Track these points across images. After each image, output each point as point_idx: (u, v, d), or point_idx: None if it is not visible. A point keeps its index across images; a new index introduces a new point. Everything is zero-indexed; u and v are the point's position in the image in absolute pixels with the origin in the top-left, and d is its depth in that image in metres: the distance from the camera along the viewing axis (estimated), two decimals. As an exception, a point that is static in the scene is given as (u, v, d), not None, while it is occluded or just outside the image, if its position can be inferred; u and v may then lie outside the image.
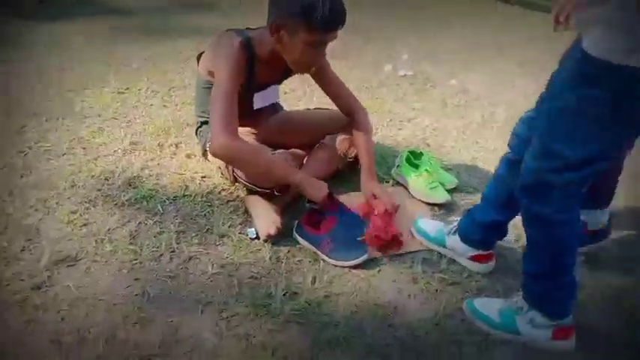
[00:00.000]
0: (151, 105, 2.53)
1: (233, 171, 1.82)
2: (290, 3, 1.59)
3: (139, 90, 2.65)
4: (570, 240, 1.37)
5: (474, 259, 1.69)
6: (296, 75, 1.95)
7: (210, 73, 1.80)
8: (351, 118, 1.97)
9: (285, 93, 2.61)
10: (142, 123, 2.36)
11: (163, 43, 3.28)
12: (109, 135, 2.25)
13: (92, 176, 1.97)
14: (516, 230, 1.73)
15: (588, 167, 1.23)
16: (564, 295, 1.43)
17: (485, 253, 1.68)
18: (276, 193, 1.79)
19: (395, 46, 3.70)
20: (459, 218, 1.76)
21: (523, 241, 1.70)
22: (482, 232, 1.65)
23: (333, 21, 1.60)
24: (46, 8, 3.78)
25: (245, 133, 1.94)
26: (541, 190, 1.28)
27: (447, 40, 3.95)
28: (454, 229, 1.73)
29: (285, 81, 2.00)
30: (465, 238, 1.69)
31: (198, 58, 1.95)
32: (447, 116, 2.71)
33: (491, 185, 1.64)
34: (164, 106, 2.54)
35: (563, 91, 1.20)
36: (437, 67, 3.36)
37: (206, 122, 1.96)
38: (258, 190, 1.78)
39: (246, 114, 1.83)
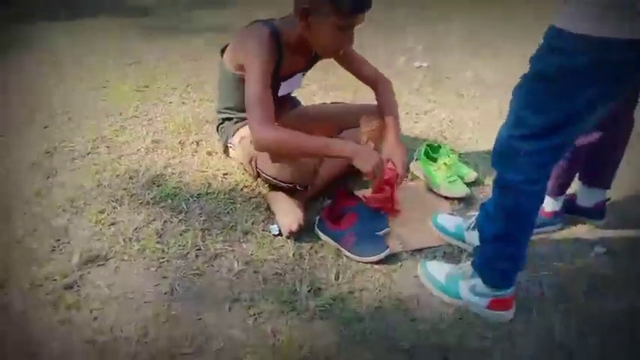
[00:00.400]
0: (170, 102, 2.56)
1: (256, 166, 1.85)
2: None
3: (158, 87, 2.69)
4: (530, 212, 1.40)
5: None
6: (315, 66, 1.97)
7: (239, 67, 1.80)
8: (374, 87, 2.03)
9: (301, 88, 2.62)
10: (162, 121, 2.40)
11: (178, 41, 3.32)
12: (131, 133, 2.29)
13: (117, 175, 2.02)
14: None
15: (555, 136, 1.25)
16: (509, 266, 1.47)
17: None
18: (298, 188, 1.82)
19: (407, 36, 3.70)
20: (477, 213, 1.78)
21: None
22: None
23: (361, 3, 1.63)
24: (59, 7, 3.81)
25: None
26: (511, 157, 1.32)
27: (456, 29, 3.94)
28: (472, 224, 1.75)
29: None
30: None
31: (222, 51, 1.95)
32: (463, 107, 2.71)
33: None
34: (183, 103, 2.58)
35: (533, 62, 1.24)
36: (450, 58, 3.36)
37: (228, 119, 1.99)
38: (282, 185, 1.81)
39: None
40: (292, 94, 2.14)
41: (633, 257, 1.83)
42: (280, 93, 1.93)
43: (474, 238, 1.71)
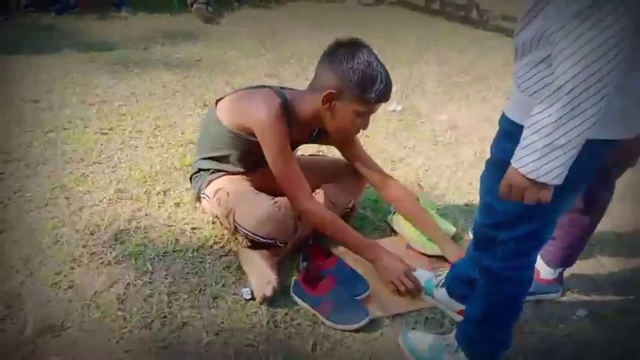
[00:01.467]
0: (136, 147, 2.44)
1: (234, 220, 1.74)
2: (352, 74, 1.65)
3: (123, 130, 2.56)
4: (515, 297, 1.35)
5: (462, 314, 1.64)
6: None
7: (240, 127, 1.77)
8: (386, 190, 2.00)
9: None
10: (127, 168, 2.27)
11: (147, 78, 3.19)
12: (94, 182, 2.15)
13: (77, 230, 1.88)
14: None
15: (526, 224, 1.20)
16: (494, 347, 1.42)
17: None
18: (278, 244, 1.73)
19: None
20: (447, 270, 1.72)
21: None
22: (467, 288, 1.57)
23: (386, 93, 1.70)
24: (20, 41, 3.63)
25: (239, 180, 1.88)
26: (487, 245, 1.29)
27: (429, 71, 3.95)
28: (442, 281, 1.70)
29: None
30: (450, 292, 1.66)
31: (217, 102, 1.89)
32: (439, 154, 2.68)
33: (473, 239, 1.60)
34: (150, 147, 2.45)
35: (491, 148, 1.23)
36: (425, 101, 3.34)
37: (205, 170, 1.90)
38: (262, 240, 1.71)
39: (251, 164, 1.82)
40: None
41: (615, 319, 1.79)
42: None
43: (442, 295, 1.69)
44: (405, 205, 1.98)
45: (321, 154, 2.40)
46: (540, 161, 0.97)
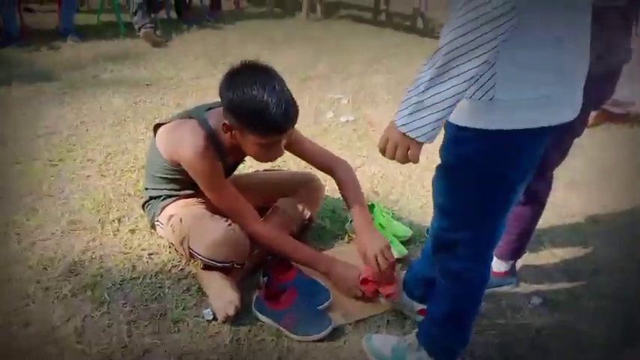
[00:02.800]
0: (88, 176, 2.40)
1: (189, 247, 1.73)
2: (237, 108, 1.58)
3: (74, 160, 2.51)
4: (476, 296, 1.40)
5: (423, 313, 1.68)
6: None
7: (174, 161, 1.77)
8: (332, 174, 1.94)
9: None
10: (79, 198, 2.23)
11: (96, 105, 3.15)
12: (45, 215, 2.10)
13: (29, 266, 1.83)
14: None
15: (479, 224, 1.25)
16: (454, 345, 1.46)
17: None
18: (235, 266, 1.73)
19: (332, 90, 3.73)
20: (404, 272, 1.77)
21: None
22: (424, 288, 1.63)
23: (283, 123, 1.58)
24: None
25: (192, 203, 1.87)
26: (446, 247, 1.33)
27: (379, 81, 4.03)
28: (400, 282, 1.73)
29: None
30: (409, 294, 1.70)
31: (155, 129, 1.88)
32: (393, 162, 2.72)
33: (428, 240, 1.64)
34: (102, 176, 2.41)
35: (440, 153, 1.25)
36: (376, 110, 3.41)
37: (155, 197, 1.89)
38: (217, 265, 1.71)
39: (199, 188, 1.80)
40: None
41: (568, 305, 1.87)
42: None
43: (402, 297, 1.72)
44: (345, 190, 1.90)
45: (277, 168, 2.42)
46: (412, 117, 1.03)
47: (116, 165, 2.51)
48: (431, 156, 1.37)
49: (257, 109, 1.54)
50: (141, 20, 4.41)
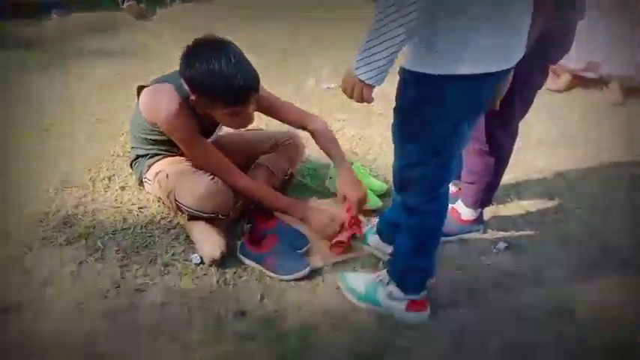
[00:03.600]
0: (78, 139, 2.49)
1: (175, 199, 1.85)
2: (198, 81, 1.65)
3: (63, 126, 2.60)
4: (434, 229, 1.55)
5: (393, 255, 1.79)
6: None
7: (152, 123, 1.85)
8: (307, 128, 2.04)
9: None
10: (70, 159, 2.32)
11: (83, 74, 3.22)
12: (38, 176, 2.20)
13: (25, 220, 1.94)
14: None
15: (432, 159, 1.39)
16: (420, 275, 1.61)
17: None
18: (220, 216, 1.84)
19: (312, 60, 3.83)
20: (377, 219, 1.90)
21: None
22: (394, 231, 1.73)
23: (244, 93, 1.66)
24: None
25: (177, 161, 1.98)
26: (405, 184, 1.48)
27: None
28: (373, 228, 1.88)
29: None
30: (382, 237, 1.84)
31: (139, 91, 1.96)
32: (371, 125, 2.85)
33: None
34: (91, 139, 2.51)
35: (396, 97, 1.38)
36: (357, 77, 3.50)
37: (142, 155, 1.99)
38: (203, 215, 1.82)
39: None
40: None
41: (530, 249, 2.02)
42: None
43: (375, 240, 1.87)
44: (320, 138, 2.03)
45: (257, 128, 2.51)
46: (362, 62, 1.20)
47: (104, 129, 2.60)
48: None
49: (217, 81, 1.62)
50: (124, -7, 4.44)
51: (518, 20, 1.28)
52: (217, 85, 1.63)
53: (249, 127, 2.38)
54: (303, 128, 2.07)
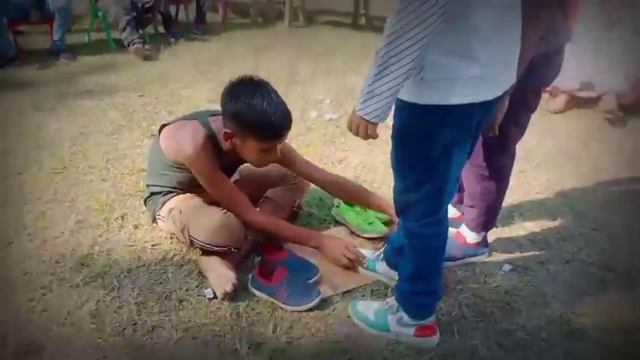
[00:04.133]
0: (91, 181, 2.57)
1: (189, 235, 1.91)
2: (237, 116, 1.77)
3: (76, 167, 2.69)
4: (435, 251, 1.59)
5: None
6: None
7: (176, 160, 1.94)
8: (327, 184, 2.18)
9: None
10: (84, 200, 2.40)
11: (93, 117, 3.32)
12: (53, 217, 2.27)
13: (43, 261, 2.00)
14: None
15: (427, 185, 1.45)
16: (426, 299, 1.65)
17: None
18: (233, 250, 1.90)
19: (314, 91, 3.94)
20: (385, 246, 1.95)
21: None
22: (400, 256, 1.77)
23: (281, 129, 1.81)
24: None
25: (190, 197, 2.05)
26: (404, 208, 1.54)
27: (360, 80, 4.20)
28: (381, 256, 1.93)
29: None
30: (389, 263, 1.89)
31: (160, 130, 2.05)
32: (373, 153, 2.93)
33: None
34: (103, 180, 2.59)
35: (394, 122, 1.44)
36: (358, 107, 3.60)
37: (156, 193, 2.07)
38: (216, 249, 1.89)
39: (198, 184, 1.95)
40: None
41: (536, 270, 2.06)
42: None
43: (382, 267, 1.91)
44: (345, 187, 2.20)
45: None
46: (365, 103, 1.27)
47: (116, 169, 2.69)
48: None
49: (259, 117, 1.75)
50: (130, 36, 4.59)
51: (507, 49, 1.36)
52: (259, 118, 1.75)
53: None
54: (323, 187, 2.20)
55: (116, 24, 4.69)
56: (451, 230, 2.03)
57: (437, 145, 1.38)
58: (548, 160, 2.97)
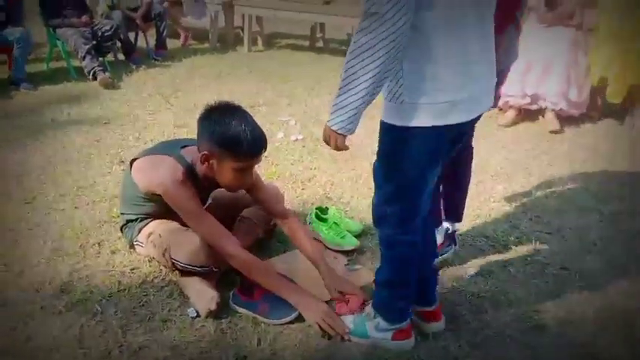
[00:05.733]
0: (63, 209, 2.58)
1: (170, 257, 1.97)
2: (216, 137, 1.83)
3: (47, 197, 2.69)
4: (409, 258, 1.70)
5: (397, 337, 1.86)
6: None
7: (151, 192, 1.98)
8: (285, 223, 2.15)
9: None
10: (58, 229, 2.41)
11: (59, 146, 3.31)
12: (28, 247, 2.28)
13: (22, 290, 2.00)
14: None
15: (404, 198, 1.58)
16: (402, 304, 1.76)
17: None
18: (213, 269, 1.97)
19: (279, 112, 4.06)
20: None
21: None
22: None
23: (258, 147, 1.86)
24: None
25: (166, 221, 2.10)
26: (380, 217, 1.67)
27: (322, 102, 4.39)
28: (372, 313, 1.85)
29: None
30: None
31: (131, 163, 2.09)
32: (340, 170, 3.06)
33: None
34: (76, 207, 2.60)
35: (378, 141, 1.59)
36: (322, 127, 3.72)
37: (132, 220, 2.12)
38: (198, 270, 1.95)
39: (172, 212, 1.99)
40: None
41: (498, 273, 2.21)
42: None
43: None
44: (302, 240, 2.10)
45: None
46: (333, 115, 1.42)
47: (88, 197, 2.71)
48: (372, 161, 1.68)
49: (236, 136, 1.81)
50: (90, 64, 4.60)
51: (482, 73, 1.50)
52: (236, 136, 1.80)
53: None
54: (282, 219, 2.16)
55: (75, 53, 4.69)
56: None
57: (412, 164, 1.51)
58: (503, 171, 3.17)
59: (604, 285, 2.17)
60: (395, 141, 1.51)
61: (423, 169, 1.54)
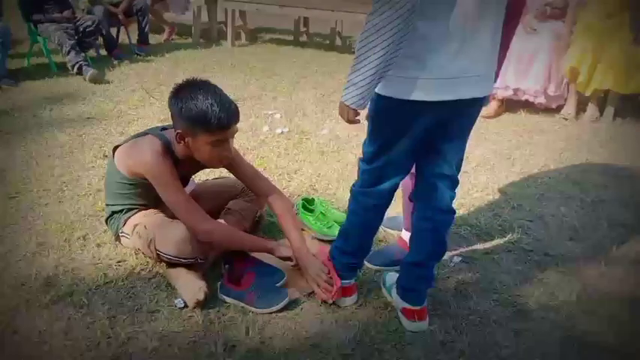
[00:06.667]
0: (47, 204, 2.56)
1: (155, 249, 1.97)
2: (185, 113, 1.84)
3: (30, 192, 2.66)
4: (367, 219, 1.84)
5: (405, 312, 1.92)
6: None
7: (133, 173, 1.99)
8: (269, 199, 2.15)
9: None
10: (42, 223, 2.39)
11: (42, 141, 3.28)
12: (13, 242, 2.26)
13: (7, 285, 1.99)
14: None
15: (379, 159, 1.71)
16: (350, 259, 1.89)
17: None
18: (199, 260, 1.97)
19: (264, 105, 4.06)
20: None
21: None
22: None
23: (228, 118, 1.85)
24: None
25: (153, 213, 2.10)
26: (358, 173, 1.82)
27: (306, 95, 4.41)
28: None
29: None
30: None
31: (114, 150, 2.09)
32: (326, 162, 3.07)
33: None
34: (60, 202, 2.59)
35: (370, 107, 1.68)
36: (307, 121, 3.76)
37: (117, 212, 2.10)
38: (183, 261, 1.95)
39: (157, 199, 2.01)
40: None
41: (482, 260, 2.25)
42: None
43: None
44: (282, 218, 2.12)
45: (224, 176, 2.67)
46: (345, 91, 1.51)
47: (72, 191, 2.69)
48: (358, 154, 1.73)
49: (204, 109, 1.80)
50: (75, 58, 4.56)
51: (469, 64, 1.52)
52: (204, 109, 1.80)
53: (218, 175, 2.56)
54: (266, 197, 2.16)
55: (60, 48, 4.63)
56: (395, 235, 2.31)
57: (390, 131, 1.64)
58: (486, 162, 3.21)
59: (585, 270, 2.22)
60: (379, 109, 1.64)
61: (398, 138, 1.64)
